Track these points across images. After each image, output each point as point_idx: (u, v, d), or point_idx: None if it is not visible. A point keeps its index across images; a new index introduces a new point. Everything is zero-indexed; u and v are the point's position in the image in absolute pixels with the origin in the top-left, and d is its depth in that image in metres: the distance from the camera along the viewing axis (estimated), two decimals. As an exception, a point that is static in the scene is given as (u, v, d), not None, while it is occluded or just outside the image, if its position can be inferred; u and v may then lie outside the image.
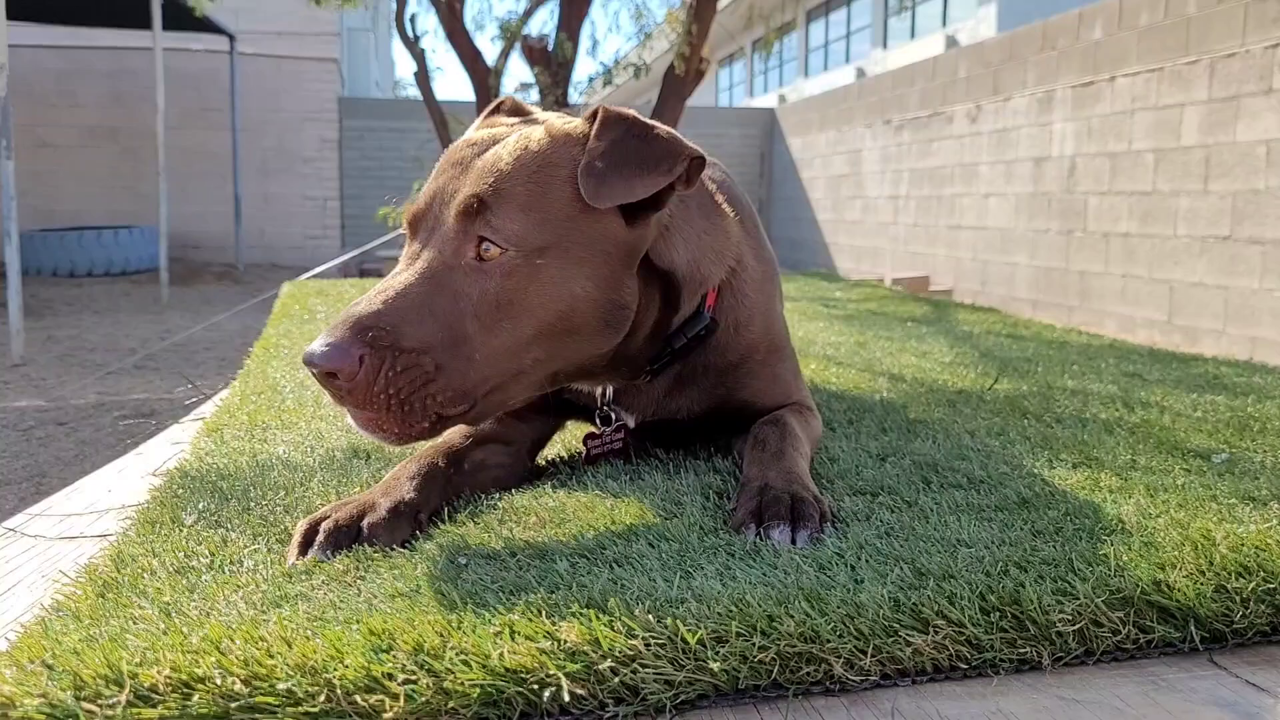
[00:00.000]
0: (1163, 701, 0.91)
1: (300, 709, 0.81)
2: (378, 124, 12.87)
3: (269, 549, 1.20)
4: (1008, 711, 0.89)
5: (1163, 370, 2.74)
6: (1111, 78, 6.10)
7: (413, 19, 7.21)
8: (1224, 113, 5.19)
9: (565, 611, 0.93)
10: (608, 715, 0.86)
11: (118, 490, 1.79)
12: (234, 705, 0.81)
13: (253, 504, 1.39)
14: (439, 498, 1.34)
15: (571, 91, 6.42)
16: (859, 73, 17.34)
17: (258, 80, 12.16)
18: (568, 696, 0.84)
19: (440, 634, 0.88)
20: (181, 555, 1.17)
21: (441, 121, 6.98)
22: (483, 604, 0.96)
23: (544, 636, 0.88)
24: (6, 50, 5.99)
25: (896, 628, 0.94)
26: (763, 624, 0.91)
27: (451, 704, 0.83)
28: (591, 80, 6.87)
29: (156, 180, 9.32)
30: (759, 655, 0.90)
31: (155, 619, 0.96)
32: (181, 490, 1.47)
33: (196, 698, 0.81)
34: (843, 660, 0.91)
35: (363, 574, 1.09)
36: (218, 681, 0.82)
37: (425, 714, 0.82)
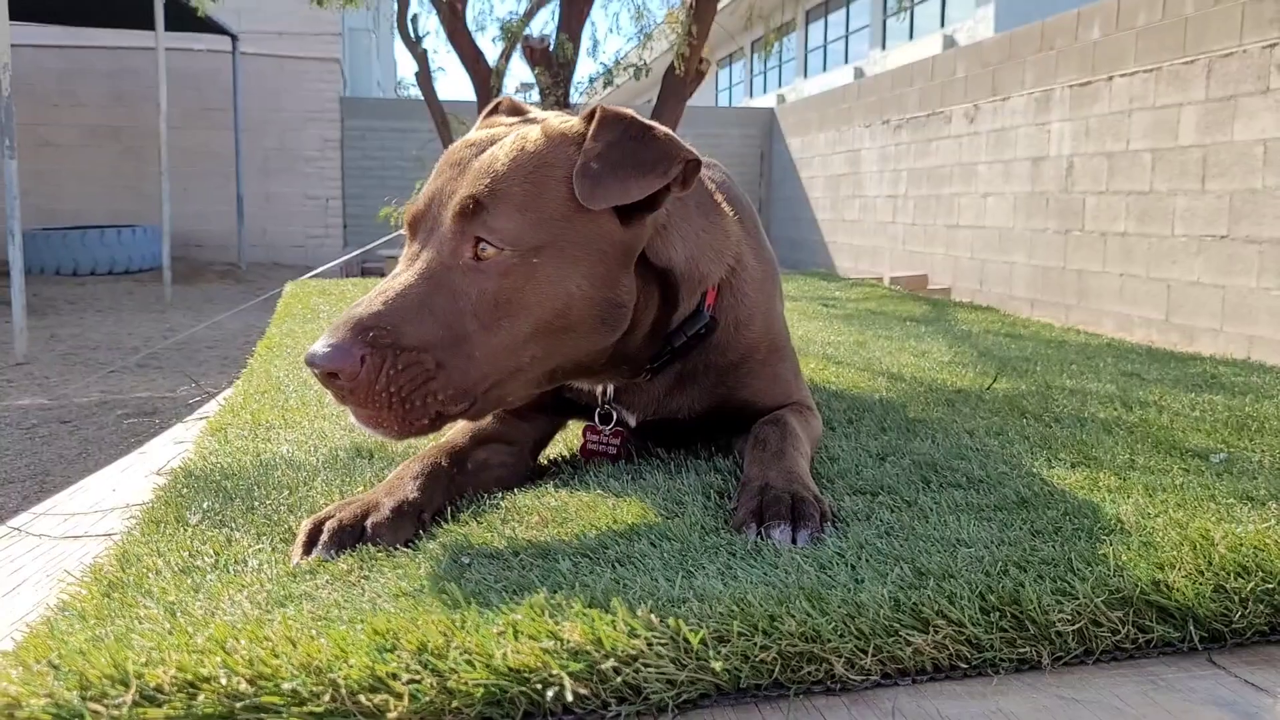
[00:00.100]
0: (1162, 701, 0.92)
1: (305, 709, 0.81)
2: (379, 124, 12.88)
3: (273, 548, 1.21)
4: (1008, 711, 0.90)
5: (1161, 369, 2.74)
6: (1109, 77, 6.10)
7: (414, 19, 7.22)
8: (1221, 112, 5.20)
9: (568, 611, 0.93)
10: (610, 714, 0.86)
11: (122, 489, 1.80)
12: (239, 705, 0.81)
13: (257, 503, 1.39)
14: (442, 497, 1.35)
15: (572, 92, 6.43)
16: (858, 73, 17.33)
17: (260, 80, 12.18)
18: (571, 696, 0.84)
19: (444, 633, 0.89)
20: (186, 555, 1.18)
21: (443, 121, 6.99)
22: (486, 603, 0.97)
23: (547, 636, 0.88)
24: (9, 50, 6.00)
25: (897, 627, 0.94)
26: (764, 623, 0.92)
27: (455, 703, 0.83)
28: (592, 80, 6.88)
29: (159, 179, 9.34)
30: (760, 655, 0.90)
31: (160, 619, 0.96)
32: (186, 489, 1.48)
33: (202, 697, 0.81)
34: (844, 660, 0.92)
35: (367, 573, 1.10)
36: (223, 681, 0.82)
37: (429, 713, 0.82)
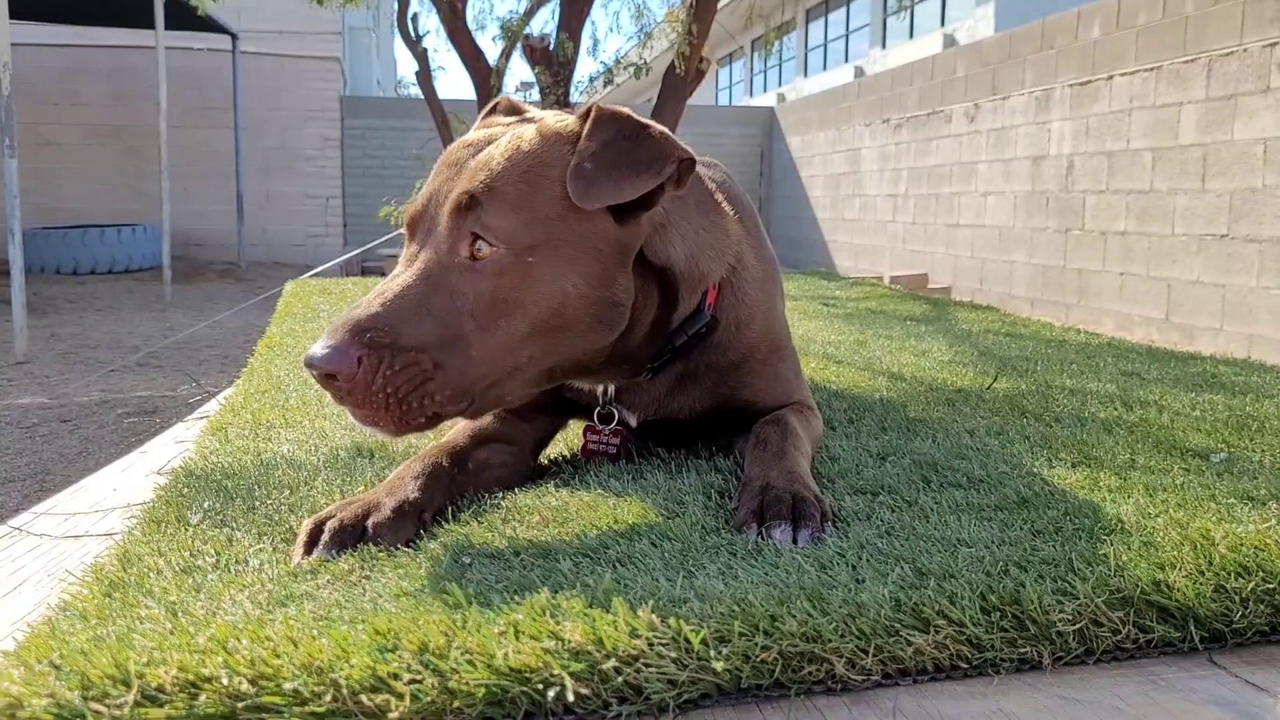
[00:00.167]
0: (1162, 701, 0.92)
1: (306, 709, 0.81)
2: (379, 123, 12.88)
3: (274, 548, 1.21)
4: (1008, 711, 0.90)
5: (1161, 369, 2.74)
6: (1109, 77, 6.10)
7: (414, 18, 7.22)
8: (1221, 111, 5.20)
9: (569, 611, 0.93)
10: (611, 714, 0.86)
11: (123, 489, 1.80)
12: (240, 705, 0.81)
13: (258, 503, 1.40)
14: (443, 497, 1.35)
15: (572, 91, 6.43)
16: (858, 72, 17.32)
17: (260, 79, 12.17)
18: (572, 696, 0.84)
19: (445, 633, 0.89)
20: (187, 554, 1.18)
21: (443, 120, 6.99)
22: (487, 603, 0.97)
23: (548, 636, 0.89)
24: (9, 48, 5.99)
25: (898, 627, 0.94)
26: (765, 623, 0.92)
27: (457, 703, 0.83)
28: (592, 80, 6.89)
29: (159, 178, 9.33)
30: (761, 655, 0.90)
31: (162, 619, 0.96)
32: (186, 489, 1.48)
33: (203, 697, 0.81)
34: (844, 660, 0.92)
35: (368, 573, 1.10)
36: (224, 681, 0.82)
37: (431, 713, 0.82)
